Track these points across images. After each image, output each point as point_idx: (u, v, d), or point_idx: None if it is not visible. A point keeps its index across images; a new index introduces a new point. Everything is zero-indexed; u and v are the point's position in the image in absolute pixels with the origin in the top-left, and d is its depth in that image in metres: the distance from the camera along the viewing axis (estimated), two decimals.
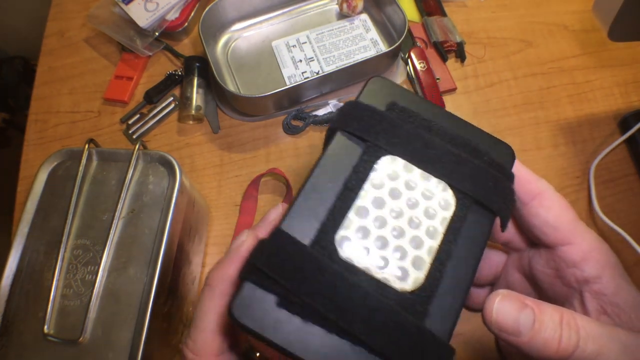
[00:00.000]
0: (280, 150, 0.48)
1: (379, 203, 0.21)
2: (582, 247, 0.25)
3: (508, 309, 0.20)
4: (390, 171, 0.21)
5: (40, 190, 0.36)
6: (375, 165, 0.21)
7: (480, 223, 0.21)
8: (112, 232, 0.34)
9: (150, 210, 0.35)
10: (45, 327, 0.32)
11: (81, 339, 0.31)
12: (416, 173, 0.21)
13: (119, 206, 0.35)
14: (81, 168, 0.36)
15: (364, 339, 0.17)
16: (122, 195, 0.35)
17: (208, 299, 0.21)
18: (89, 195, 0.36)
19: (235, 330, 0.23)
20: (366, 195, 0.21)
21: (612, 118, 0.50)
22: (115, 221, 0.34)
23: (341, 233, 0.20)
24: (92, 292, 0.33)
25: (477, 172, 0.22)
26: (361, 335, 0.17)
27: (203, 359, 0.21)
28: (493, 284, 0.34)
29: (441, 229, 0.21)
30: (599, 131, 0.50)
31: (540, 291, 0.29)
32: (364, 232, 0.20)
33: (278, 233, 0.19)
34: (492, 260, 0.33)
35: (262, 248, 0.19)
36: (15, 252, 0.34)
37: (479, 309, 0.38)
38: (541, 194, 0.25)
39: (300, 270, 0.18)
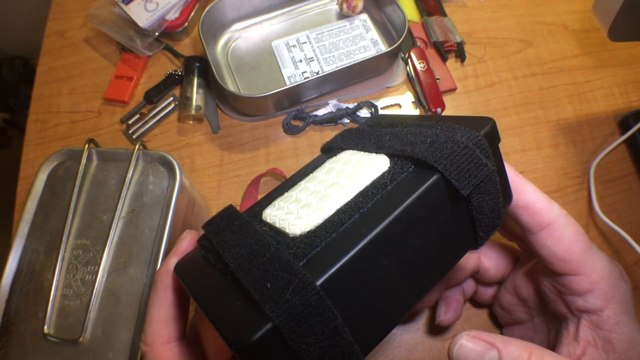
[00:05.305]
0: (280, 150, 0.48)
1: (310, 178, 0.23)
2: (589, 279, 0.24)
3: (471, 351, 0.20)
4: (340, 159, 0.24)
5: (40, 190, 0.36)
6: (330, 159, 0.24)
7: (413, 181, 0.20)
8: (112, 232, 0.34)
9: (150, 210, 0.35)
10: (45, 327, 0.32)
11: (81, 339, 0.31)
12: (360, 154, 0.23)
13: (119, 206, 0.35)
14: (81, 168, 0.36)
15: (233, 269, 0.18)
16: (122, 195, 0.35)
17: (153, 293, 0.22)
18: (89, 195, 0.36)
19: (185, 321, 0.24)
20: (308, 176, 0.24)
21: (612, 118, 0.50)
22: (115, 221, 0.34)
23: (275, 202, 0.22)
24: (92, 292, 0.33)
25: (420, 138, 0.21)
26: (231, 265, 0.18)
27: (153, 347, 0.22)
28: (501, 283, 0.34)
29: (358, 188, 0.20)
30: (599, 131, 0.50)
31: (544, 301, 0.29)
32: (287, 198, 0.22)
33: (228, 207, 0.22)
34: (500, 260, 0.32)
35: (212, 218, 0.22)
36: (15, 252, 0.34)
37: (485, 305, 0.38)
38: (551, 225, 0.24)
39: (221, 222, 0.21)
